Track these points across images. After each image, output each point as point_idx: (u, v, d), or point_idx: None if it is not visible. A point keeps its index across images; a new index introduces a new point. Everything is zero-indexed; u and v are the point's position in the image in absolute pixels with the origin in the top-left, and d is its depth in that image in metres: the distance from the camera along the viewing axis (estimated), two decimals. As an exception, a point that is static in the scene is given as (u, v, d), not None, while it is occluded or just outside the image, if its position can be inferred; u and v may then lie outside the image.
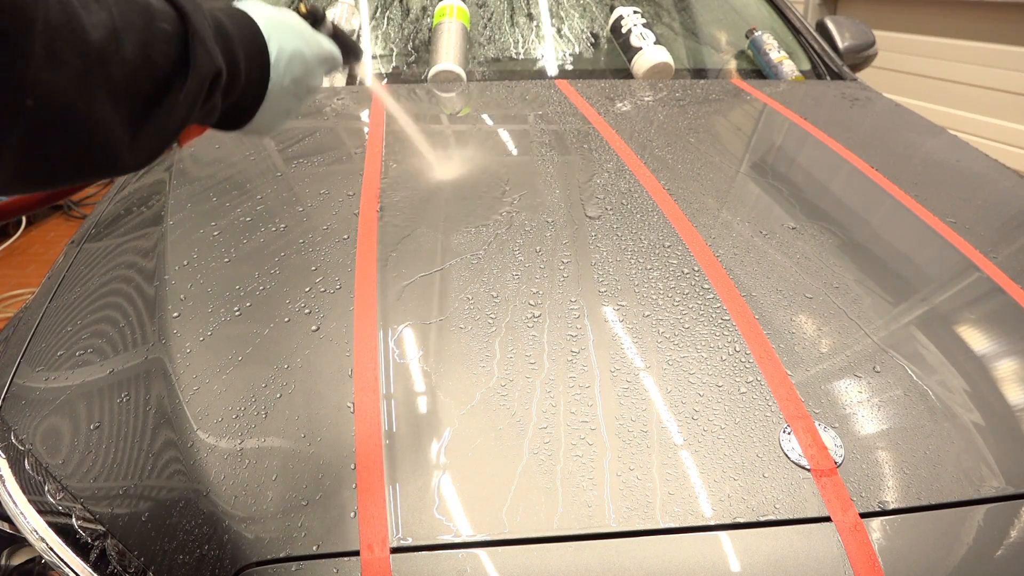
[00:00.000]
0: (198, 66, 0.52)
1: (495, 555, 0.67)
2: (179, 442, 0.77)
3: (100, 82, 0.45)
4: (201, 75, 0.52)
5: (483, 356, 0.85)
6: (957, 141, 1.56)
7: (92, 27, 0.44)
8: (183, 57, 0.51)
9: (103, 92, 0.45)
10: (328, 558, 0.67)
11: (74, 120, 0.44)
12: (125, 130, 0.48)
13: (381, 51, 1.81)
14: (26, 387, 0.90)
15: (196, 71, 0.52)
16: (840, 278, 1.00)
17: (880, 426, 0.80)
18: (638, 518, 0.70)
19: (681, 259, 1.01)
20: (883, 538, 0.70)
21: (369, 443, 0.75)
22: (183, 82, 0.51)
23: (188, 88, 0.51)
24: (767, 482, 0.73)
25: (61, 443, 0.81)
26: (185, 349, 0.87)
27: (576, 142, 1.36)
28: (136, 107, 0.48)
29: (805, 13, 4.55)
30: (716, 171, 1.28)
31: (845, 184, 1.28)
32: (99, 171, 0.50)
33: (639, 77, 1.76)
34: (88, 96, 0.44)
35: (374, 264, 0.99)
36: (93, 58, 0.44)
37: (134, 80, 0.47)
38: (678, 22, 2.06)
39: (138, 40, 0.47)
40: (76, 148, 0.46)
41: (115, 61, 0.46)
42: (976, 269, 1.05)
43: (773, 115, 1.55)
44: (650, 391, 0.81)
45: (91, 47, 0.44)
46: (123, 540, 0.72)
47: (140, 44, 0.47)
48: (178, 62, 0.51)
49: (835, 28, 2.13)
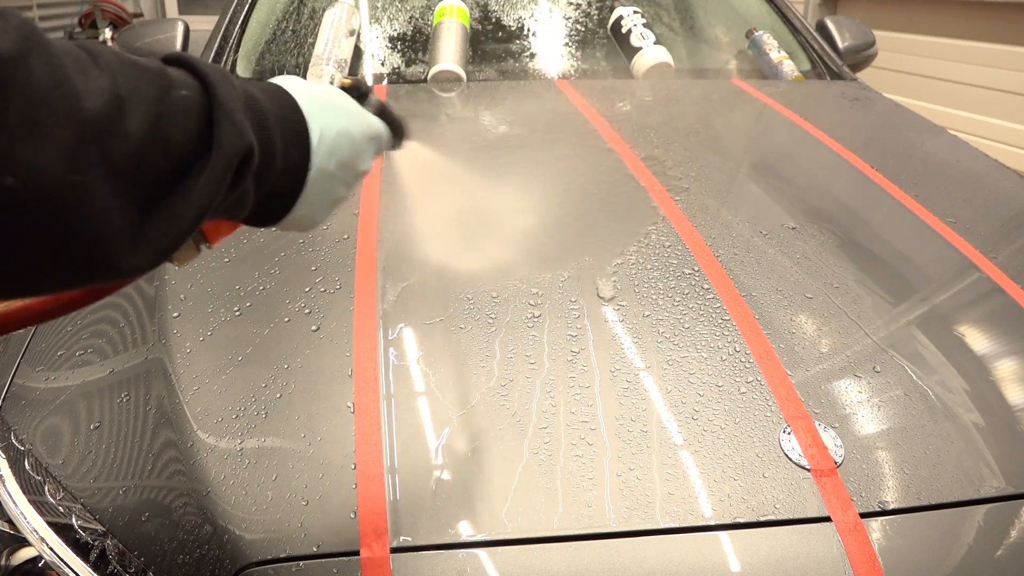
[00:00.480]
0: (223, 143, 0.43)
1: (495, 555, 0.67)
2: (179, 442, 0.77)
3: (96, 160, 0.37)
4: (227, 154, 0.44)
5: (483, 356, 0.85)
6: (957, 141, 1.56)
7: (88, 94, 0.37)
8: (205, 133, 0.43)
9: (100, 173, 0.37)
10: (328, 558, 0.67)
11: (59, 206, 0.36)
12: (127, 221, 0.39)
13: (381, 51, 1.81)
14: (26, 387, 0.90)
15: (221, 149, 0.43)
16: (840, 278, 1.00)
17: (880, 426, 0.80)
18: (638, 518, 0.70)
19: (681, 259, 1.01)
20: (883, 538, 0.70)
21: (369, 443, 0.75)
22: (204, 163, 0.43)
23: (211, 170, 0.43)
24: (767, 482, 0.73)
25: (61, 443, 0.81)
26: (185, 349, 0.87)
27: (576, 142, 1.36)
28: (143, 193, 0.40)
29: (805, 13, 4.55)
30: (716, 171, 1.28)
31: (845, 184, 1.28)
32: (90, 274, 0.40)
33: (639, 77, 1.76)
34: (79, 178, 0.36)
35: (374, 264, 0.99)
36: (88, 131, 0.37)
37: (141, 159, 0.39)
38: (678, 22, 2.06)
39: (148, 112, 0.40)
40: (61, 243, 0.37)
41: (117, 135, 0.38)
42: (976, 269, 1.05)
43: (773, 115, 1.55)
44: (650, 391, 0.81)
45: (86, 117, 0.37)
46: (123, 540, 0.72)
47: (150, 117, 0.40)
48: (199, 139, 0.43)
49: (835, 28, 2.13)
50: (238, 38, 1.81)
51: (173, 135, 0.41)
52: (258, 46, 1.83)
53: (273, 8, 1.93)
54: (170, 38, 1.94)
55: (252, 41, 1.83)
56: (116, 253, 0.40)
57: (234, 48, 1.79)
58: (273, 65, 1.79)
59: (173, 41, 1.93)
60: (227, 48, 1.78)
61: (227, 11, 1.88)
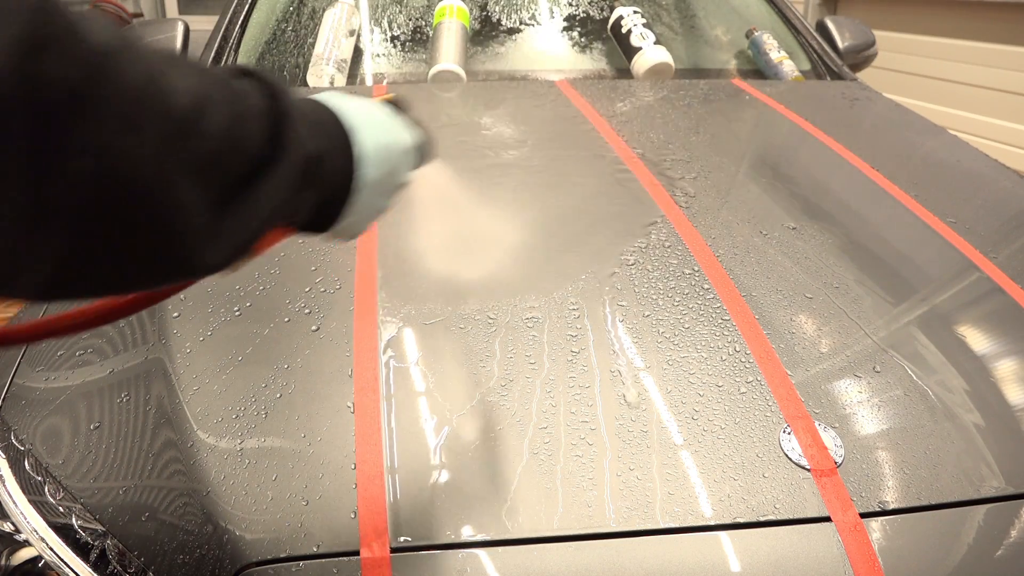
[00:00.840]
0: (291, 148, 0.44)
1: (495, 555, 0.67)
2: (179, 442, 0.77)
3: (182, 156, 0.37)
4: (296, 159, 0.45)
5: (483, 356, 0.85)
6: (957, 141, 1.56)
7: (175, 92, 0.37)
8: (276, 138, 0.44)
9: (185, 169, 0.37)
10: (328, 558, 0.67)
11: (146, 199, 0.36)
12: (207, 219, 0.40)
13: (381, 51, 1.81)
14: (26, 387, 0.90)
15: (290, 154, 0.44)
16: (840, 278, 1.00)
17: (880, 426, 0.80)
18: (638, 518, 0.70)
19: (681, 259, 1.01)
20: (883, 538, 0.70)
21: (369, 443, 0.75)
22: (276, 166, 0.43)
23: (283, 172, 0.44)
24: (767, 482, 0.73)
25: (61, 443, 0.81)
26: (185, 349, 0.87)
27: (575, 143, 1.36)
28: (220, 192, 0.40)
29: (805, 13, 4.55)
30: (716, 171, 1.28)
31: (845, 184, 1.28)
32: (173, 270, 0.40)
33: (639, 77, 1.76)
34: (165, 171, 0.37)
35: (374, 264, 0.99)
36: (175, 127, 0.37)
37: (220, 159, 0.40)
38: (678, 22, 2.06)
39: (226, 113, 0.40)
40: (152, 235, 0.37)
41: (199, 134, 0.38)
42: (976, 269, 1.05)
43: (773, 115, 1.55)
44: (650, 391, 0.81)
45: (174, 113, 0.37)
46: (123, 540, 0.72)
47: (230, 117, 0.40)
48: (270, 143, 0.43)
49: (835, 28, 2.13)
50: (238, 38, 1.81)
51: (247, 137, 0.42)
52: (258, 46, 1.83)
53: (273, 8, 1.93)
54: (170, 38, 1.93)
55: (252, 41, 1.83)
56: (195, 250, 0.40)
57: (234, 48, 1.79)
58: (273, 65, 1.79)
59: (173, 41, 1.93)
60: (227, 48, 1.78)
61: (227, 11, 1.88)
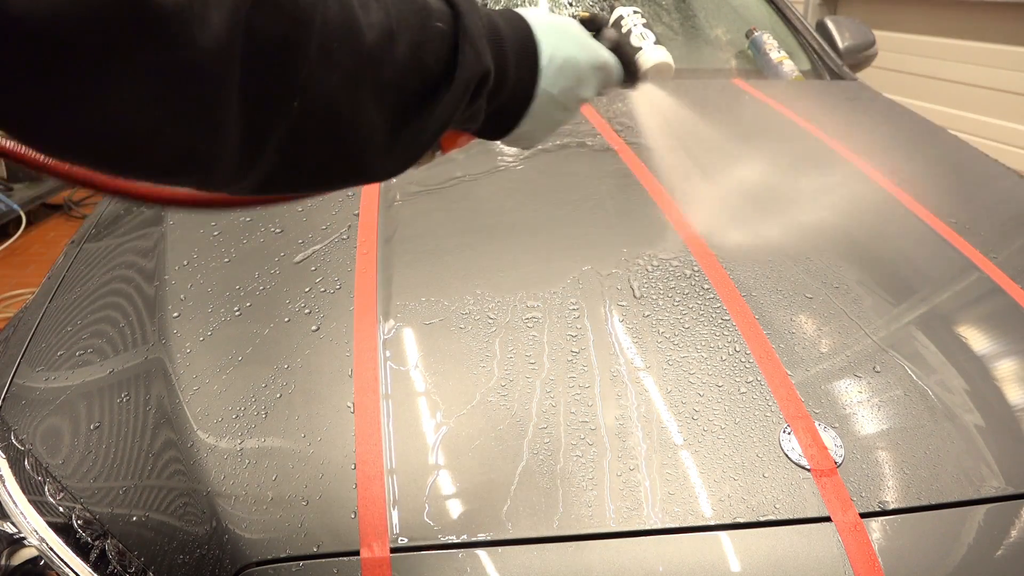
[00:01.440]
0: (465, 68, 0.49)
1: (495, 555, 0.67)
2: (179, 442, 0.77)
3: (369, 84, 0.43)
4: (467, 78, 0.49)
5: (483, 356, 0.85)
6: (957, 141, 1.56)
7: (368, 28, 0.43)
8: (452, 58, 0.48)
9: (370, 95, 0.44)
10: (328, 558, 0.67)
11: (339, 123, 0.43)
12: (385, 136, 0.46)
13: None
14: (26, 387, 0.90)
15: (462, 74, 0.49)
16: (840, 278, 1.00)
17: (880, 426, 0.80)
18: (638, 518, 0.70)
19: (681, 259, 1.01)
20: (883, 538, 0.70)
21: (369, 443, 0.75)
22: (448, 85, 0.48)
23: (452, 92, 0.49)
24: (767, 482, 0.73)
25: (61, 443, 0.81)
26: (185, 349, 0.87)
27: (575, 142, 1.36)
28: (399, 111, 0.46)
29: (805, 13, 4.55)
30: (715, 171, 1.28)
31: (844, 184, 1.28)
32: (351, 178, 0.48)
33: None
34: (355, 99, 0.43)
35: (374, 264, 0.99)
36: (365, 60, 0.43)
37: (402, 83, 0.45)
38: (678, 22, 2.06)
39: (411, 40, 0.45)
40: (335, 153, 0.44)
41: (386, 62, 0.44)
42: (976, 269, 1.05)
43: (773, 115, 1.55)
44: (650, 391, 0.81)
45: (365, 48, 0.42)
46: (123, 540, 0.72)
47: (413, 45, 0.46)
48: (446, 63, 0.48)
49: (835, 28, 2.13)
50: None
51: (427, 60, 0.47)
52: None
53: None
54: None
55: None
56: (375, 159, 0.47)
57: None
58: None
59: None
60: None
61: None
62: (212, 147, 0.38)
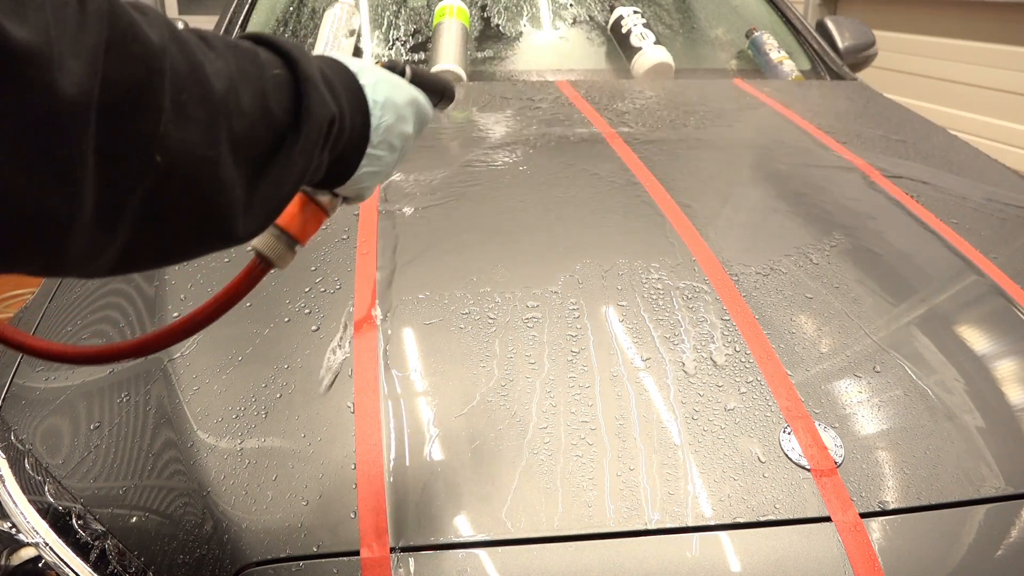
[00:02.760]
0: (313, 113, 0.47)
1: (495, 555, 0.67)
2: (179, 442, 0.77)
3: (224, 136, 0.41)
4: (318, 123, 0.48)
5: (483, 356, 0.85)
6: (957, 141, 1.56)
7: (214, 76, 0.40)
8: (296, 105, 0.47)
9: (227, 147, 0.41)
10: (328, 558, 0.67)
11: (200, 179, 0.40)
12: (243, 191, 0.43)
13: (381, 51, 1.81)
14: (26, 387, 0.90)
15: (312, 119, 0.47)
16: (840, 278, 1.00)
17: (880, 426, 0.80)
18: (638, 518, 0.70)
19: (681, 259, 1.01)
20: (883, 538, 0.70)
21: (369, 443, 0.75)
22: (297, 133, 0.46)
23: (305, 138, 0.47)
24: (767, 482, 0.73)
25: (61, 443, 0.81)
26: (185, 349, 0.87)
27: (575, 142, 1.36)
28: (254, 164, 0.44)
29: (805, 13, 4.55)
30: (716, 171, 1.28)
31: (845, 184, 1.28)
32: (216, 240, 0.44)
33: (639, 77, 1.76)
34: (214, 152, 0.40)
35: (374, 264, 0.99)
36: (217, 110, 0.40)
37: (253, 133, 0.43)
38: (678, 22, 2.06)
39: (254, 89, 0.44)
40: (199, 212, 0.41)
41: (236, 113, 0.42)
42: (976, 270, 1.05)
43: (773, 115, 1.55)
44: (650, 391, 0.81)
45: (215, 98, 0.40)
46: (123, 540, 0.72)
47: (256, 93, 0.44)
48: (291, 111, 0.46)
49: (835, 28, 2.13)
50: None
51: (273, 109, 0.45)
52: (258, 46, 1.83)
53: (273, 8, 1.93)
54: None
55: (252, 41, 1.83)
56: (234, 219, 0.44)
57: (234, 48, 1.78)
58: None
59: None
60: (227, 48, 1.78)
61: (227, 11, 1.88)
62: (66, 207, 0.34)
